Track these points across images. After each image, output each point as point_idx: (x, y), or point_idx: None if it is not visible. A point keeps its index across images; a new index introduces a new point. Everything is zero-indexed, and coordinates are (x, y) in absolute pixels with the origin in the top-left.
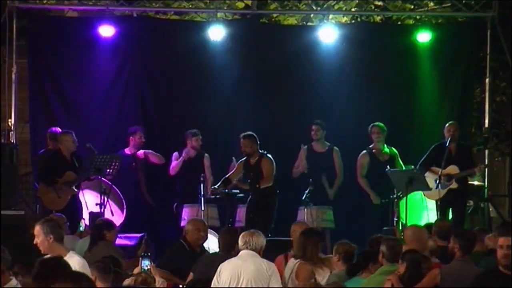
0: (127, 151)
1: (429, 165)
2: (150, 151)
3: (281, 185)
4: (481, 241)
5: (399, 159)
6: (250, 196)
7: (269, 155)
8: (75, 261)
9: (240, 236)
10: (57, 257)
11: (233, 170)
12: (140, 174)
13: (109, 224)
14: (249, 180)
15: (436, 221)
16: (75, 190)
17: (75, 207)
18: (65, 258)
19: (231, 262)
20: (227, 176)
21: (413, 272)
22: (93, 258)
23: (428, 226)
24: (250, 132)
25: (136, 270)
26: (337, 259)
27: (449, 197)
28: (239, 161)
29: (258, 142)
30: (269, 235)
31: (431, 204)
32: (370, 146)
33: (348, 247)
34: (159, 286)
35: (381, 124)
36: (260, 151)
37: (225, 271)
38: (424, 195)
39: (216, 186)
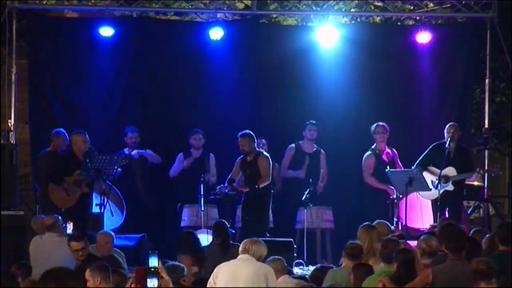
0: (126, 151)
1: (426, 164)
2: (144, 151)
3: (280, 186)
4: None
5: (398, 160)
6: (243, 197)
7: (266, 153)
8: None
9: (242, 243)
10: None
11: (233, 170)
12: (136, 174)
13: None
14: (244, 178)
15: (440, 222)
16: (86, 188)
17: (86, 205)
18: None
19: (228, 265)
20: (230, 177)
21: (404, 272)
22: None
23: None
24: (247, 131)
25: None
26: (342, 256)
27: (445, 198)
28: (237, 160)
29: (256, 141)
30: (267, 235)
31: (427, 204)
32: (373, 147)
33: (356, 245)
34: (167, 285)
35: (385, 124)
36: (257, 150)
37: (222, 274)
38: (421, 195)
39: (221, 186)
